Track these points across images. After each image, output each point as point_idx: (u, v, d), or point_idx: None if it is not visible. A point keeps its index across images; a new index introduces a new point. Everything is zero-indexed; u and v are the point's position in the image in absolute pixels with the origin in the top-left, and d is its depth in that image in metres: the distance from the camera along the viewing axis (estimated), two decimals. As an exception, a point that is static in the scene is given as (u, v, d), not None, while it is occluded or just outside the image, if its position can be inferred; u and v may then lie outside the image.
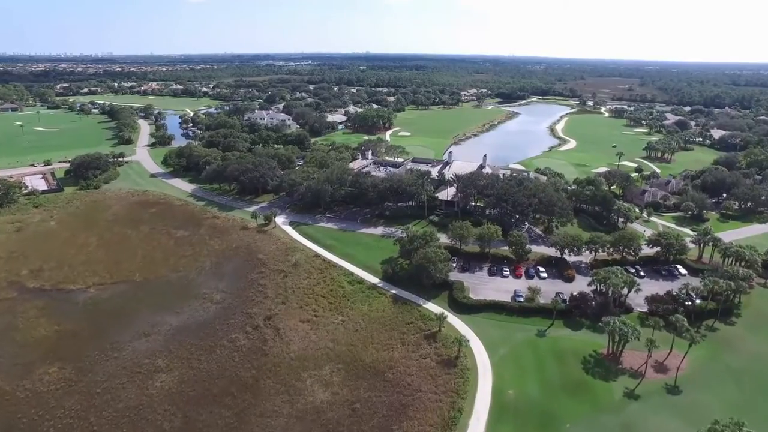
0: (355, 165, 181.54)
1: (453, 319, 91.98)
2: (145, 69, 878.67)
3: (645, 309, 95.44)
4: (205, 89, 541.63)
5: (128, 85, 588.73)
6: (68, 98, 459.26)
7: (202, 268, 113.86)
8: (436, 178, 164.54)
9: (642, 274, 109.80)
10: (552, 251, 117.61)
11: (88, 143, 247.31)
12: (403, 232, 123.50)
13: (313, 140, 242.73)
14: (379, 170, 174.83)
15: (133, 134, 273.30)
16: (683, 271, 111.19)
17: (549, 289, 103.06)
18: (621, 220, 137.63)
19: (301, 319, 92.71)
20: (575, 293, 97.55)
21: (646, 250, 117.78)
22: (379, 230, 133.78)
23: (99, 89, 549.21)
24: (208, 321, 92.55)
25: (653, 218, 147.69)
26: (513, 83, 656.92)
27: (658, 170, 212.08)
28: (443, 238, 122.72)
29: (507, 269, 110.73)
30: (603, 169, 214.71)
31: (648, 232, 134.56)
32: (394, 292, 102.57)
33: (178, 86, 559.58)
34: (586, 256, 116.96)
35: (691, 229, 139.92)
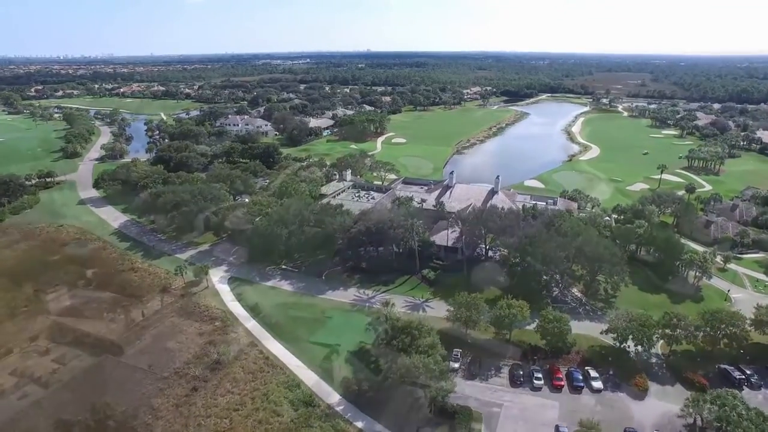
0: (330, 189, 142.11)
1: (456, 499, 52.79)
2: (134, 70, 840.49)
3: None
4: (188, 91, 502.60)
5: (109, 87, 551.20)
6: (38, 102, 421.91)
7: (58, 383, 72.26)
8: (433, 207, 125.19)
9: (754, 380, 70.21)
10: (600, 329, 78.16)
11: (27, 157, 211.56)
12: (383, 305, 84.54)
13: (287, 152, 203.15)
14: (358, 195, 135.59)
15: (84, 145, 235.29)
16: (819, 374, 71.44)
17: (609, 416, 63.81)
18: (694, 273, 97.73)
19: (193, 501, 53.56)
20: (663, 438, 58.32)
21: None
22: (350, 295, 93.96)
23: (75, 92, 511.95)
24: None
25: (730, 264, 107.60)
26: (519, 80, 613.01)
27: (709, 186, 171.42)
28: (442, 307, 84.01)
29: (539, 373, 71.21)
30: (640, 186, 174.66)
31: (734, 293, 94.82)
32: (360, 425, 63.24)
33: (160, 88, 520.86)
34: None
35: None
